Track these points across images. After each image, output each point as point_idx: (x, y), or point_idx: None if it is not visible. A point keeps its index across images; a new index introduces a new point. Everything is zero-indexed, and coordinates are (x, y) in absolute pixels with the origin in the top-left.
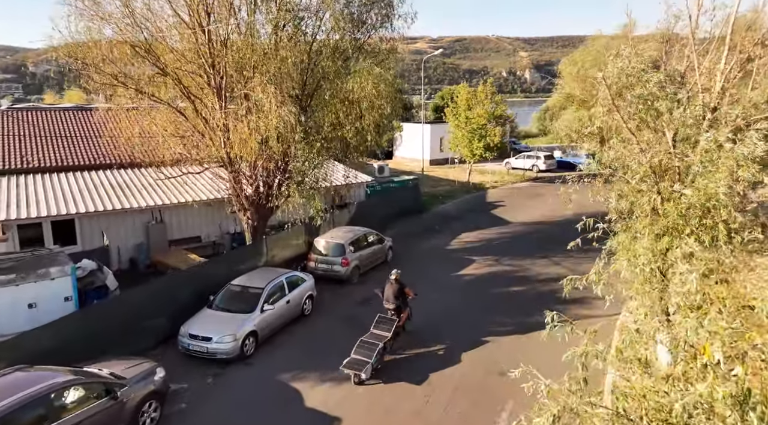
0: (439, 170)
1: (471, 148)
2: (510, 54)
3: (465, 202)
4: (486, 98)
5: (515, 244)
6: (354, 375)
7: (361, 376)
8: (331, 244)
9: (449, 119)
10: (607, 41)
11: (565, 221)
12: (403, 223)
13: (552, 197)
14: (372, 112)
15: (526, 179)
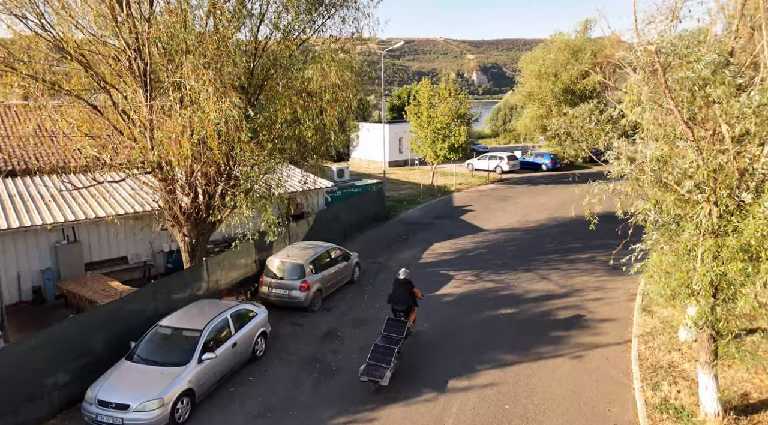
0: (400, 172)
1: (434, 149)
2: (458, 56)
3: (431, 207)
4: (450, 96)
5: (494, 255)
6: (372, 383)
7: (380, 383)
8: (287, 264)
9: (410, 118)
10: (567, 41)
11: (540, 227)
12: (367, 233)
13: (522, 201)
14: (335, 106)
15: (491, 180)
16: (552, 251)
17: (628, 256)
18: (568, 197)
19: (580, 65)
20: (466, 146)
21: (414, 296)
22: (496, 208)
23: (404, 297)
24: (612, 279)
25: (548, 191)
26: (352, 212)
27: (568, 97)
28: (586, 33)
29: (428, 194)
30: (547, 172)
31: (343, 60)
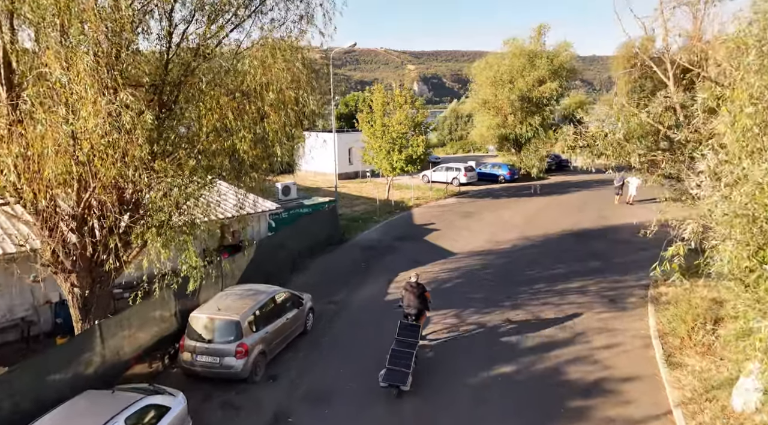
0: (351, 185)
1: (390, 161)
2: (398, 67)
3: (390, 226)
4: (406, 103)
5: (471, 287)
6: (395, 389)
7: (402, 388)
8: (218, 322)
9: (363, 127)
10: (522, 47)
11: (514, 248)
12: (320, 261)
13: (486, 217)
14: (283, 109)
15: (449, 194)
16: (536, 280)
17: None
18: (533, 211)
19: (536, 72)
20: (425, 158)
21: (425, 300)
22: (461, 226)
23: (416, 301)
24: (615, 316)
25: (511, 206)
26: (301, 238)
27: (524, 105)
28: (540, 39)
29: (385, 210)
30: (505, 183)
31: (292, 47)
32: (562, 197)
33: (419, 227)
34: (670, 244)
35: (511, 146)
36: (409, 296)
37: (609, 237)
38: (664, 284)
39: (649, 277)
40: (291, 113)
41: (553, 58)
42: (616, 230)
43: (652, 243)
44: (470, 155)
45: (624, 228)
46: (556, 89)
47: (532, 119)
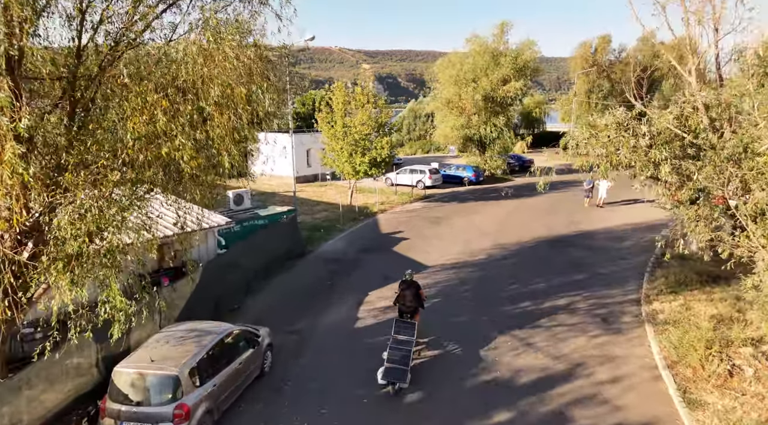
0: (310, 189)
1: (353, 164)
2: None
3: (356, 235)
4: (368, 102)
5: (450, 306)
6: (392, 386)
7: (400, 386)
8: (150, 379)
9: (322, 127)
10: (486, 45)
11: (490, 259)
12: (279, 280)
13: (457, 223)
14: (231, 109)
15: (415, 198)
16: (519, 297)
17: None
18: (503, 215)
19: (501, 70)
20: (390, 160)
21: (420, 298)
22: (431, 234)
23: (412, 298)
24: (611, 340)
25: (480, 210)
26: (256, 254)
27: (488, 105)
28: (503, 37)
29: (349, 217)
30: (471, 186)
31: (239, 29)
32: (530, 200)
33: (387, 237)
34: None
35: (476, 146)
36: (404, 294)
37: (586, 244)
38: (657, 299)
39: (639, 291)
40: (242, 113)
41: (517, 56)
42: (592, 237)
43: (630, 250)
44: (431, 155)
45: (598, 234)
46: (520, 89)
47: (496, 120)
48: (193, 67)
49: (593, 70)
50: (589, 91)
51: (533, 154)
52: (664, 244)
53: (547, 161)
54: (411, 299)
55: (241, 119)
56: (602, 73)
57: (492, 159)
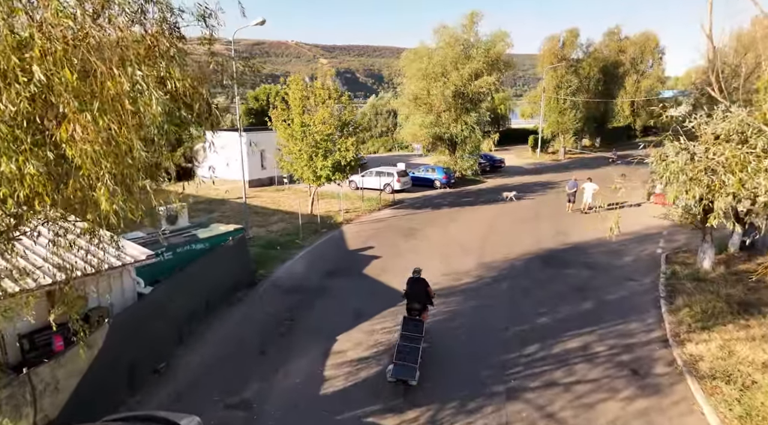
0: (265, 194)
1: (313, 168)
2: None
3: (318, 253)
4: (330, 98)
5: (442, 356)
6: (402, 383)
7: (410, 383)
8: None
9: (277, 126)
10: (456, 36)
11: (478, 283)
12: (222, 323)
13: (433, 235)
14: (108, 114)
15: (384, 204)
16: (523, 338)
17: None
18: (483, 225)
19: (472, 64)
20: (356, 164)
21: (428, 296)
22: (406, 248)
23: (420, 295)
24: (653, 405)
25: (456, 218)
26: (193, 289)
27: (459, 101)
28: (473, 28)
29: (310, 229)
30: (442, 189)
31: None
32: (509, 205)
33: (355, 255)
34: None
35: (446, 146)
36: (412, 291)
37: (582, 261)
38: (688, 338)
39: (661, 324)
40: (131, 119)
41: (489, 48)
42: (586, 251)
43: (635, 268)
44: (395, 154)
45: (592, 247)
46: (493, 83)
47: (467, 117)
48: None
49: (562, 65)
50: (557, 87)
51: (500, 152)
52: (666, 258)
53: (517, 159)
54: (419, 296)
55: (127, 131)
56: (570, 69)
57: (463, 159)
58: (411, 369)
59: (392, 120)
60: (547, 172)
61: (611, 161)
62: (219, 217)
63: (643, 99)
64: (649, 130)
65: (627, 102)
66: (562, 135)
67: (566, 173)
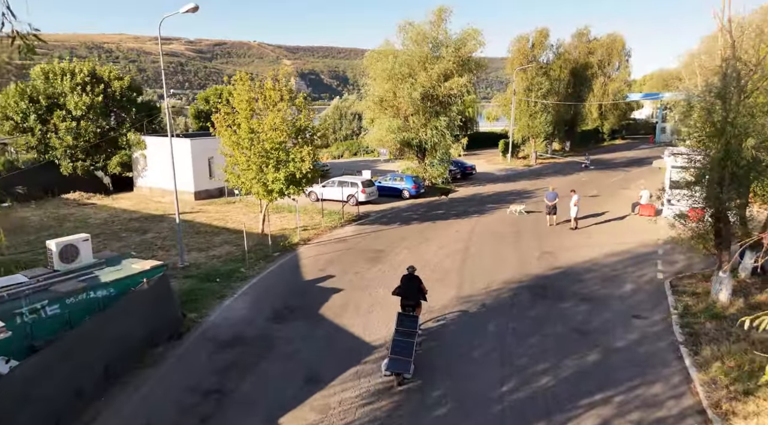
0: (212, 208)
1: (264, 181)
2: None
3: (267, 287)
4: (282, 100)
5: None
6: (397, 376)
7: (405, 376)
8: None
9: (221, 133)
10: (423, 32)
11: (462, 328)
12: (123, 398)
13: (405, 259)
14: None
15: (347, 219)
16: (523, 410)
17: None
18: (460, 244)
19: (441, 64)
20: (314, 176)
21: (422, 292)
22: (372, 277)
23: (414, 292)
24: None
25: (429, 235)
26: (83, 356)
27: (428, 104)
28: (442, 24)
29: (259, 253)
30: (411, 199)
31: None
32: (485, 218)
33: (311, 287)
34: None
35: (414, 152)
36: (406, 287)
37: (576, 292)
38: (731, 407)
39: (689, 385)
40: None
41: (460, 47)
42: (578, 277)
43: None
44: (360, 159)
45: (584, 272)
46: (465, 85)
47: (437, 121)
48: None
49: (532, 67)
50: (528, 90)
51: (469, 157)
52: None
53: (488, 165)
54: (413, 293)
55: None
56: (541, 70)
57: (433, 166)
58: (406, 362)
59: (357, 123)
60: (520, 179)
61: (584, 166)
62: (152, 239)
63: (610, 102)
64: (616, 133)
65: (595, 105)
66: (533, 139)
67: (540, 180)
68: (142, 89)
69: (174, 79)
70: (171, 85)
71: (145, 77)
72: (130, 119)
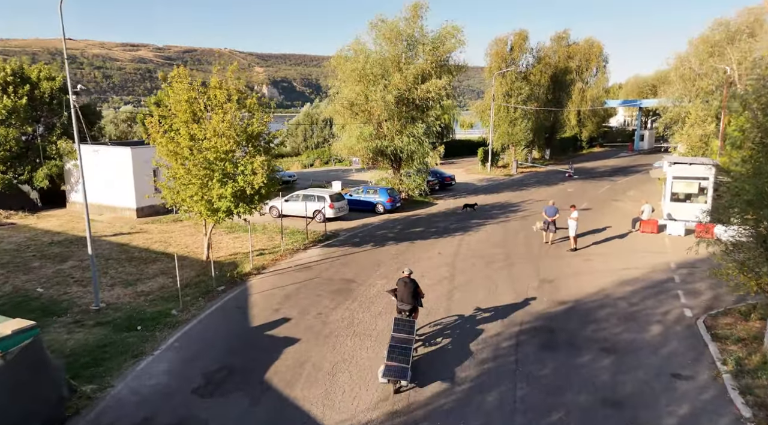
0: (155, 227)
1: (208, 197)
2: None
3: (201, 337)
4: (230, 101)
5: None
6: (394, 384)
7: (402, 383)
8: None
9: (156, 140)
10: (397, 29)
11: (456, 400)
12: None
13: (377, 294)
14: None
15: (312, 240)
16: None
17: None
18: (444, 271)
19: (418, 64)
20: (268, 192)
21: (418, 297)
22: (337, 319)
23: (410, 296)
24: None
25: (407, 258)
26: None
27: (403, 109)
28: (418, 21)
29: (199, 289)
30: (386, 214)
31: None
32: (471, 236)
33: (259, 338)
34: None
35: (389, 162)
36: (403, 291)
37: (592, 336)
38: None
39: None
40: None
41: (438, 46)
42: (592, 317)
43: (672, 350)
44: (331, 168)
45: (597, 310)
46: (444, 88)
47: (414, 127)
48: None
49: (511, 71)
50: (507, 95)
51: (446, 166)
52: (707, 329)
53: (467, 175)
54: (409, 298)
55: None
56: (520, 75)
57: (410, 177)
58: (403, 369)
59: (329, 130)
60: (502, 190)
61: (568, 175)
62: (70, 269)
63: (589, 108)
64: (594, 141)
65: (573, 112)
66: (513, 147)
67: (524, 191)
68: (81, 91)
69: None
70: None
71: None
72: (61, 125)
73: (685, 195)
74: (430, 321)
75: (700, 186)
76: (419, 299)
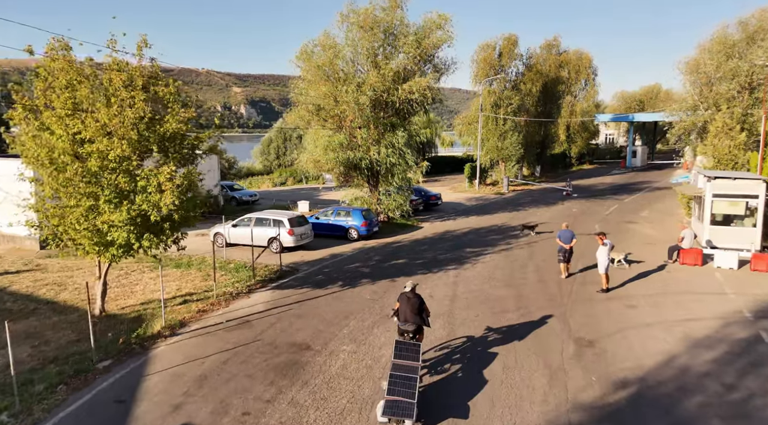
0: (58, 263)
1: (94, 225)
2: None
3: None
4: (133, 86)
5: None
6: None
7: (406, 423)
8: None
9: (22, 143)
10: (373, 17)
11: None
12: None
13: (340, 371)
14: None
15: (261, 278)
16: None
17: None
18: (440, 324)
19: (398, 59)
20: (186, 216)
21: (424, 315)
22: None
23: (413, 315)
24: None
25: (384, 304)
26: None
27: (380, 114)
28: (397, 11)
29: (69, 366)
30: (361, 241)
31: None
32: (468, 271)
33: None
34: None
35: (364, 177)
36: (405, 309)
37: None
38: None
39: None
40: None
41: (422, 38)
42: (677, 410)
43: None
44: (303, 187)
45: (679, 393)
46: (428, 88)
47: (393, 136)
48: None
49: (499, 78)
50: (496, 106)
51: (429, 183)
52: None
53: (453, 193)
54: (413, 316)
55: None
56: (510, 84)
57: (390, 196)
58: (407, 405)
59: (301, 146)
60: (496, 210)
61: (566, 194)
62: None
63: (578, 122)
64: (583, 157)
65: (563, 127)
66: (502, 163)
67: (522, 212)
68: None
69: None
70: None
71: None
72: None
73: (725, 217)
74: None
75: (748, 206)
76: (426, 317)
